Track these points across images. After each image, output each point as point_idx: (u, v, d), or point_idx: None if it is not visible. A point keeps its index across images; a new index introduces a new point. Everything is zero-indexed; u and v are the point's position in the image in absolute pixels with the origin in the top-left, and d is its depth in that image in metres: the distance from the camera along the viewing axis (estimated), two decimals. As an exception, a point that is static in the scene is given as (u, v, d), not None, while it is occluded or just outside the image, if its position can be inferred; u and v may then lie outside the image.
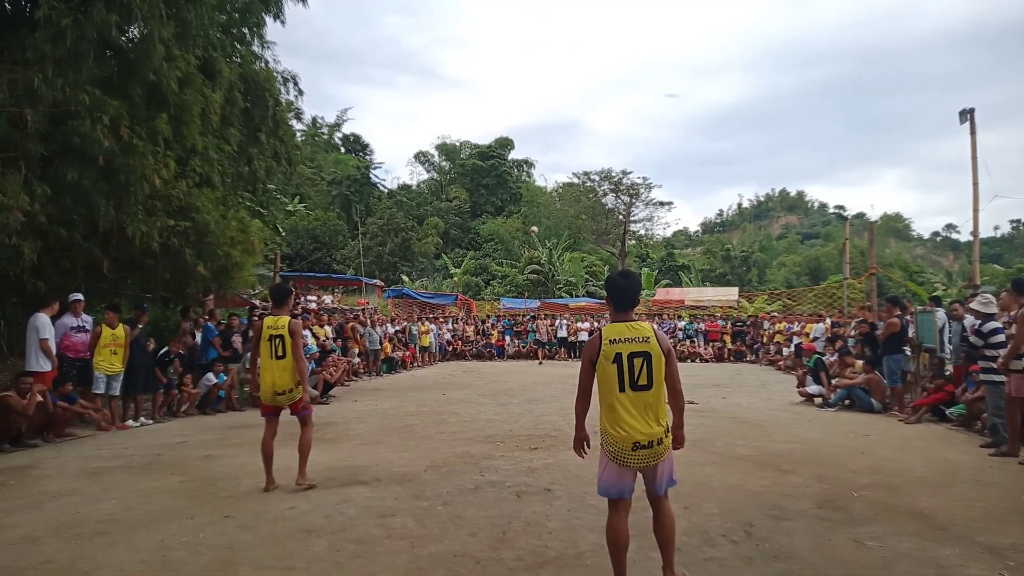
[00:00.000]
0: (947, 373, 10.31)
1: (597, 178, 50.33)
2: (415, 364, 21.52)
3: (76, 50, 8.86)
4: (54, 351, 8.94)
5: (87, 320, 9.78)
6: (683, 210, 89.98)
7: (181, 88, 10.34)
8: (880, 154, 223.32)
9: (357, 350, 17.32)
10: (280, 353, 5.88)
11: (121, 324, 9.79)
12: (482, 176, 61.22)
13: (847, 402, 11.29)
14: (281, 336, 5.90)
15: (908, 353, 11.04)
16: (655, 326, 3.76)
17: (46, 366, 8.83)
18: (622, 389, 3.53)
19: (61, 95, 8.82)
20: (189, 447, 8.02)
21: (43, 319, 8.86)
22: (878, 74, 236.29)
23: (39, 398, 8.12)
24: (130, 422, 9.80)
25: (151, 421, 10.09)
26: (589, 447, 3.84)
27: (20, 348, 10.01)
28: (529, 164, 68.62)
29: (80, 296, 9.71)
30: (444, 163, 67.54)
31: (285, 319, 5.98)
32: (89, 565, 4.08)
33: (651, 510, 3.73)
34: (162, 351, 10.86)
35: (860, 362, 11.70)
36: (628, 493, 3.61)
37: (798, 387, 12.77)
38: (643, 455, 3.53)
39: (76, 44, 8.82)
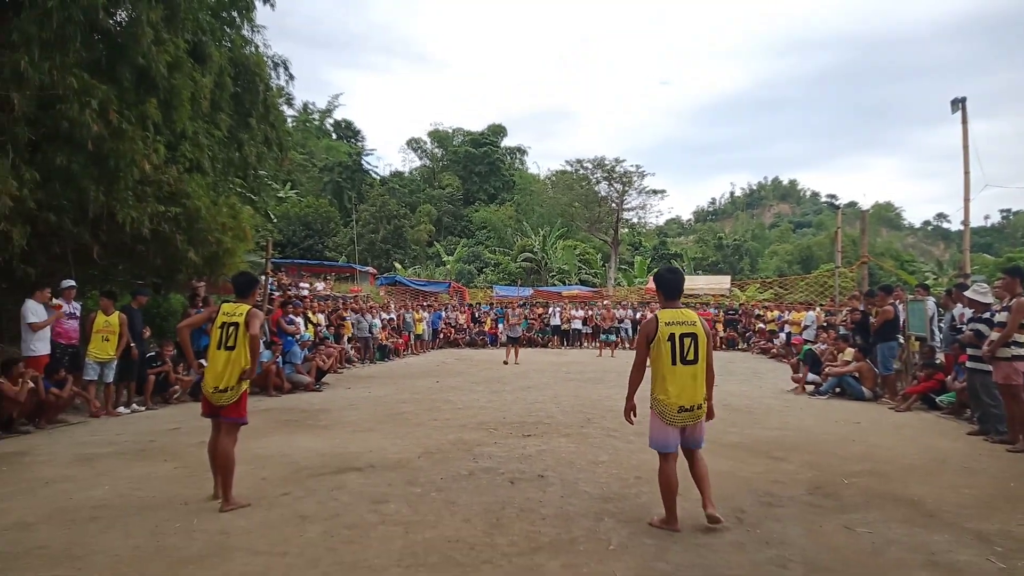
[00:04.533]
0: (937, 362, 10.38)
1: (590, 166, 50.20)
2: (408, 352, 21.51)
3: (63, 32, 8.74)
4: (46, 335, 8.92)
5: (77, 307, 9.70)
6: (676, 198, 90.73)
7: (170, 72, 10.24)
8: (874, 143, 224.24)
9: (347, 336, 17.31)
10: (231, 343, 5.14)
11: (116, 311, 9.69)
12: (475, 163, 61.07)
13: (838, 390, 11.36)
14: (236, 324, 5.16)
15: (901, 341, 11.10)
16: (698, 315, 4.63)
17: (41, 350, 8.80)
18: (673, 363, 4.38)
19: (48, 79, 8.70)
20: (182, 433, 7.98)
21: (32, 304, 8.78)
22: (875, 62, 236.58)
23: (31, 384, 8.06)
24: (121, 409, 9.74)
25: (143, 408, 10.04)
26: (636, 416, 4.65)
27: (11, 334, 9.94)
28: (522, 151, 68.56)
29: (72, 282, 9.59)
30: (437, 150, 67.32)
31: (244, 307, 5.28)
32: (83, 551, 4.06)
33: (687, 462, 4.61)
34: (150, 355, 10.73)
35: (851, 349, 11.77)
36: (674, 447, 4.49)
37: (793, 379, 12.79)
38: (686, 416, 4.39)
39: (63, 26, 8.70)
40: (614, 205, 50.01)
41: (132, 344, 9.78)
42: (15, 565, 3.85)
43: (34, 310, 8.78)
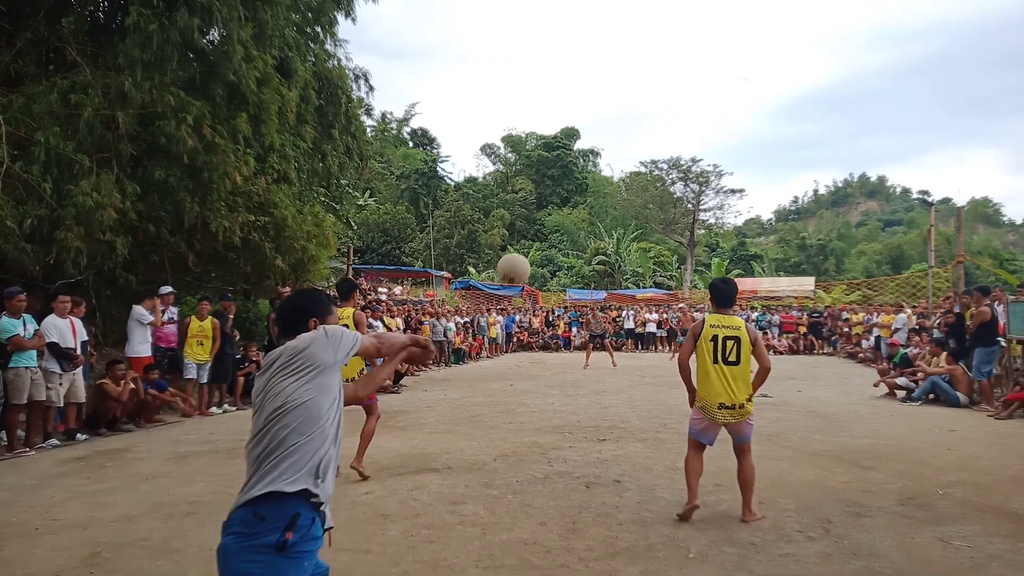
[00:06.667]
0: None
1: (665, 166, 49.47)
2: (482, 355, 21.73)
3: (162, 53, 9.30)
4: (148, 338, 9.56)
5: (175, 312, 10.29)
6: (756, 197, 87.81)
7: (259, 88, 10.72)
8: (970, 135, 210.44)
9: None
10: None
11: (210, 317, 10.20)
12: (547, 167, 61.12)
13: (931, 396, 10.78)
14: (346, 327, 5.97)
15: (1003, 344, 10.41)
16: (749, 323, 5.07)
17: (143, 352, 9.43)
18: (715, 362, 4.72)
19: (148, 97, 9.28)
20: (269, 433, 8.32)
21: (139, 310, 9.43)
22: (971, 51, 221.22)
23: (132, 385, 8.62)
24: (213, 409, 10.26)
25: (234, 408, 10.54)
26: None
27: (114, 338, 10.63)
28: (595, 154, 68.19)
29: (170, 289, 10.22)
30: (510, 155, 67.71)
31: (350, 311, 6.02)
32: (180, 543, 4.31)
33: (735, 462, 4.85)
34: (238, 356, 11.13)
35: (945, 353, 11.14)
36: (710, 442, 4.84)
37: (879, 381, 12.22)
38: (727, 414, 4.68)
39: (161, 48, 9.26)
40: (690, 206, 49.08)
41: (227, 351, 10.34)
42: (122, 555, 4.13)
43: (143, 314, 9.42)
